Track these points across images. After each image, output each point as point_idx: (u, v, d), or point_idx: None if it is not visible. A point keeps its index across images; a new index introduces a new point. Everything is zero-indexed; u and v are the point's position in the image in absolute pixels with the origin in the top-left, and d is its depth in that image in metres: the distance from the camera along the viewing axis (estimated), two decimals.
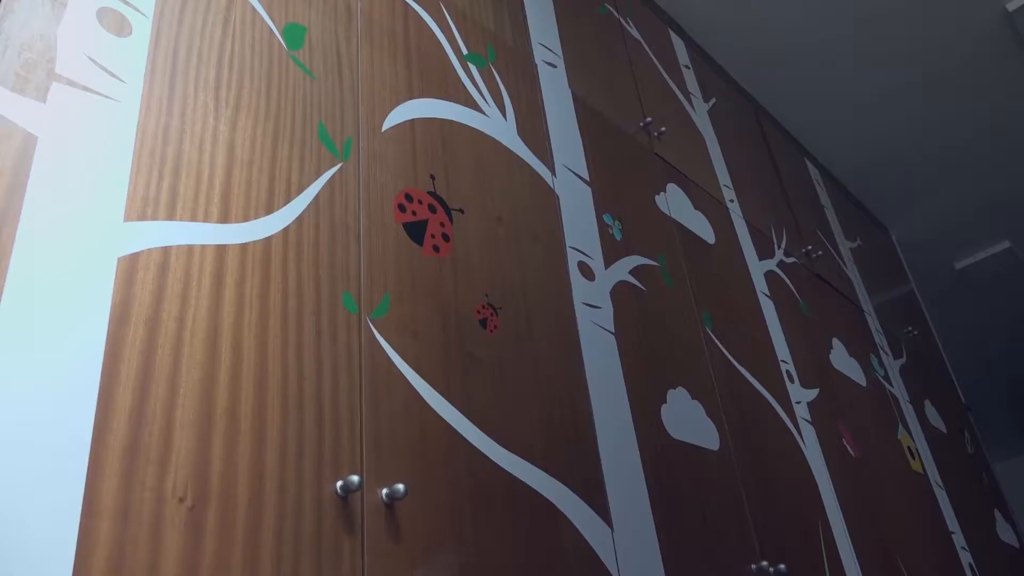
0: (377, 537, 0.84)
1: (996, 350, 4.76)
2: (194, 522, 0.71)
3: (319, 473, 0.82)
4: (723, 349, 1.69)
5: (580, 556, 1.07)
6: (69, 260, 0.73)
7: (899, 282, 3.28)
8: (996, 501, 2.85)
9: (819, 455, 1.81)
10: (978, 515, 2.58)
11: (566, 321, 1.31)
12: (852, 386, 2.20)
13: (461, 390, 1.04)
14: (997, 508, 2.81)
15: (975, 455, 2.93)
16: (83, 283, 0.73)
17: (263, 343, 0.85)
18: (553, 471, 1.11)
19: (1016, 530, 2.88)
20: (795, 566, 1.49)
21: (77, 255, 0.74)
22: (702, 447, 1.44)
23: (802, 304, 2.20)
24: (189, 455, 0.73)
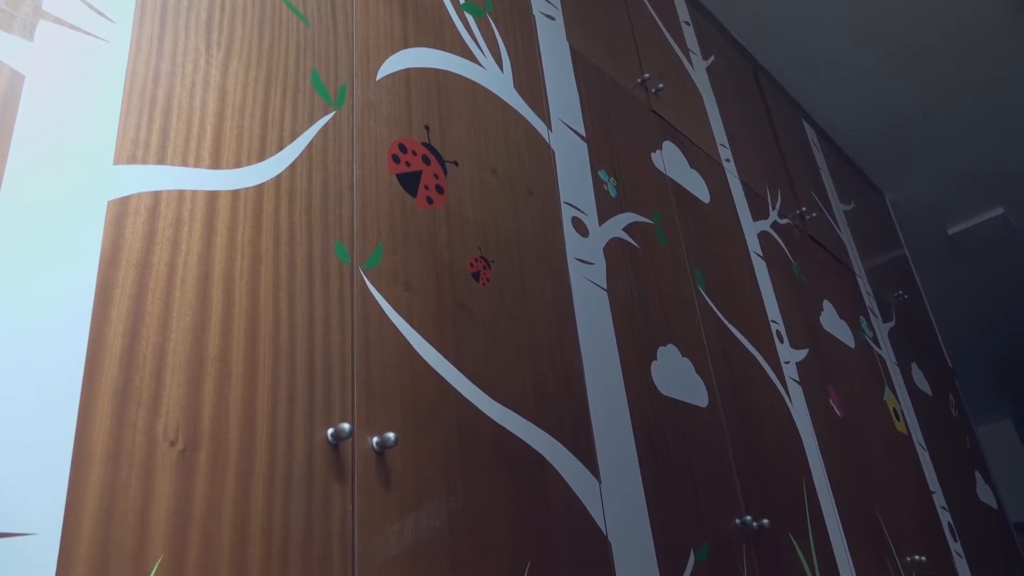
0: (367, 484, 0.85)
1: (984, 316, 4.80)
2: (185, 465, 0.71)
3: (310, 420, 0.83)
4: (714, 308, 1.69)
5: (568, 508, 1.08)
6: (58, 202, 0.72)
7: (891, 246, 3.28)
8: (977, 463, 2.90)
9: (806, 414, 1.83)
10: (959, 476, 2.62)
11: (559, 276, 1.30)
12: (841, 348, 2.22)
13: (453, 342, 1.05)
14: (978, 470, 2.86)
15: (959, 418, 2.97)
16: (73, 226, 0.72)
17: (254, 290, 0.84)
18: (543, 424, 1.12)
19: (995, 491, 2.94)
20: (778, 521, 1.51)
21: (66, 197, 0.73)
22: (691, 404, 1.45)
23: (794, 265, 2.20)
24: (180, 399, 0.73)
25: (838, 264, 2.55)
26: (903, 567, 1.89)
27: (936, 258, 4.12)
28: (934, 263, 4.16)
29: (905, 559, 1.92)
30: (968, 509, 2.54)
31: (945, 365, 3.17)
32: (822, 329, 2.16)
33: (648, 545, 1.18)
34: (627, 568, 1.12)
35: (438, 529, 0.90)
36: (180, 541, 0.68)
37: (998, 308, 4.74)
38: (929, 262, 4.14)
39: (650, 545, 1.18)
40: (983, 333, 5.03)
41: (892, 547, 1.89)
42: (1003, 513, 2.91)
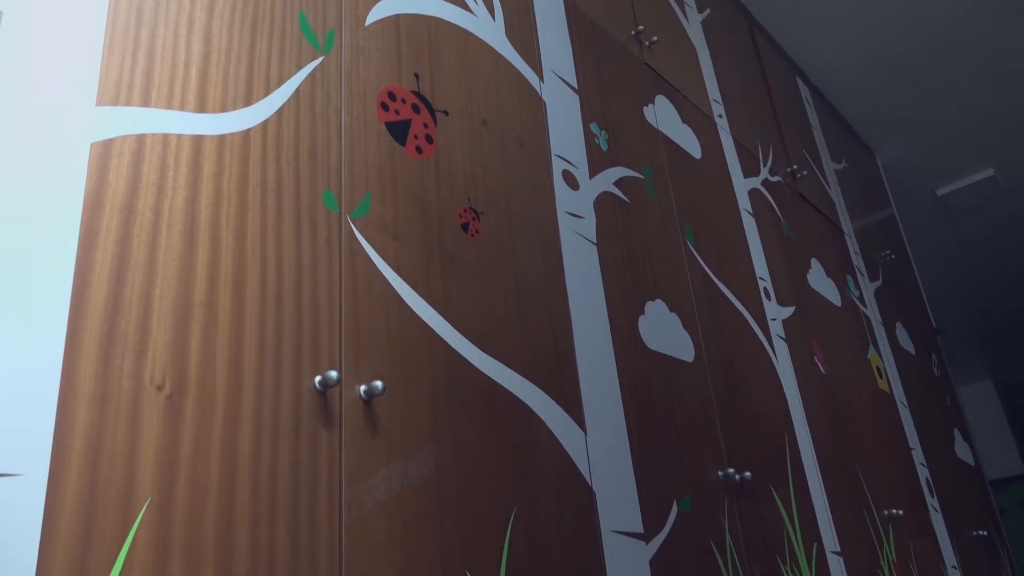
0: (355, 431, 0.85)
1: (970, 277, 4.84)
2: (172, 410, 0.71)
3: (298, 367, 0.83)
4: (703, 264, 1.70)
5: (554, 459, 1.10)
6: (40, 143, 0.71)
7: (880, 206, 3.29)
8: (956, 421, 2.95)
9: (790, 371, 1.85)
10: (938, 434, 2.67)
11: (548, 229, 1.30)
12: (827, 306, 2.23)
13: (441, 293, 1.04)
14: (957, 428, 2.91)
15: (941, 377, 3.02)
16: (55, 167, 0.71)
17: (241, 237, 0.84)
18: (530, 375, 1.12)
19: (972, 449, 3.00)
20: (760, 474, 1.54)
21: (49, 138, 0.72)
22: (677, 358, 1.47)
23: (784, 223, 2.20)
24: (167, 345, 0.73)
25: (827, 223, 2.56)
26: (880, 520, 1.93)
27: (924, 219, 4.13)
28: (922, 224, 4.17)
29: (882, 512, 1.96)
30: (946, 465, 2.59)
31: (929, 325, 3.20)
32: (809, 287, 2.17)
33: (632, 495, 1.20)
34: (611, 517, 1.14)
35: (425, 477, 0.91)
36: (167, 484, 0.68)
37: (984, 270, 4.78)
38: (917, 223, 4.16)
39: (634, 495, 1.20)
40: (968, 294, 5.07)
41: (870, 500, 1.93)
42: (980, 470, 2.97)
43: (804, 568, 1.53)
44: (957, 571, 2.26)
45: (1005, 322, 5.62)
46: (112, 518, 0.64)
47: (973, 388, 6.79)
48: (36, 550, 0.59)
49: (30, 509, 0.59)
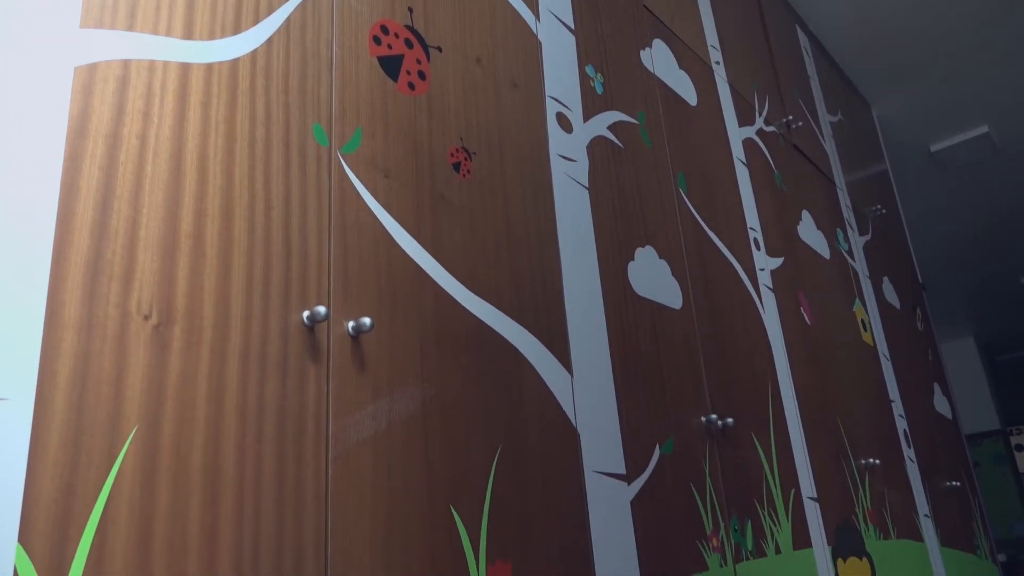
0: (342, 367, 0.86)
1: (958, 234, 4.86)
2: (159, 340, 0.71)
3: (286, 302, 0.83)
4: (694, 212, 1.69)
5: (540, 399, 1.11)
6: (22, 64, 0.69)
7: (874, 160, 3.28)
8: (937, 376, 3.00)
9: (776, 321, 1.86)
10: (918, 387, 2.71)
11: (540, 172, 1.29)
12: (816, 258, 2.24)
13: (431, 232, 1.04)
14: (937, 382, 2.96)
15: (924, 332, 3.05)
16: (38, 91, 0.69)
17: (229, 168, 0.82)
18: (518, 317, 1.13)
19: (951, 403, 3.05)
20: (742, 420, 1.56)
21: (31, 60, 0.70)
22: (665, 305, 1.47)
23: (776, 174, 2.19)
24: (153, 275, 0.72)
25: (820, 175, 2.55)
26: (857, 469, 1.97)
27: (916, 174, 4.12)
28: (914, 179, 4.17)
29: (860, 461, 2.00)
30: (924, 418, 2.64)
31: (916, 281, 3.22)
32: (799, 239, 2.17)
33: (615, 437, 1.22)
34: (594, 458, 1.16)
35: (411, 414, 0.92)
36: (154, 413, 0.69)
37: (972, 228, 4.80)
38: (909, 178, 4.15)
39: (617, 438, 1.22)
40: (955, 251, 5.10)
41: (848, 449, 1.97)
42: (956, 424, 3.02)
43: (781, 512, 1.57)
44: (929, 519, 2.32)
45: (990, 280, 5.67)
46: (99, 445, 0.64)
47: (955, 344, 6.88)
48: (23, 474, 0.59)
49: (17, 433, 0.60)
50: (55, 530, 0.60)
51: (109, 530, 0.63)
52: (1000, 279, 5.67)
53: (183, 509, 0.68)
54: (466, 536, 0.93)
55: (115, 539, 0.63)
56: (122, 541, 0.63)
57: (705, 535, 1.33)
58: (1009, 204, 4.54)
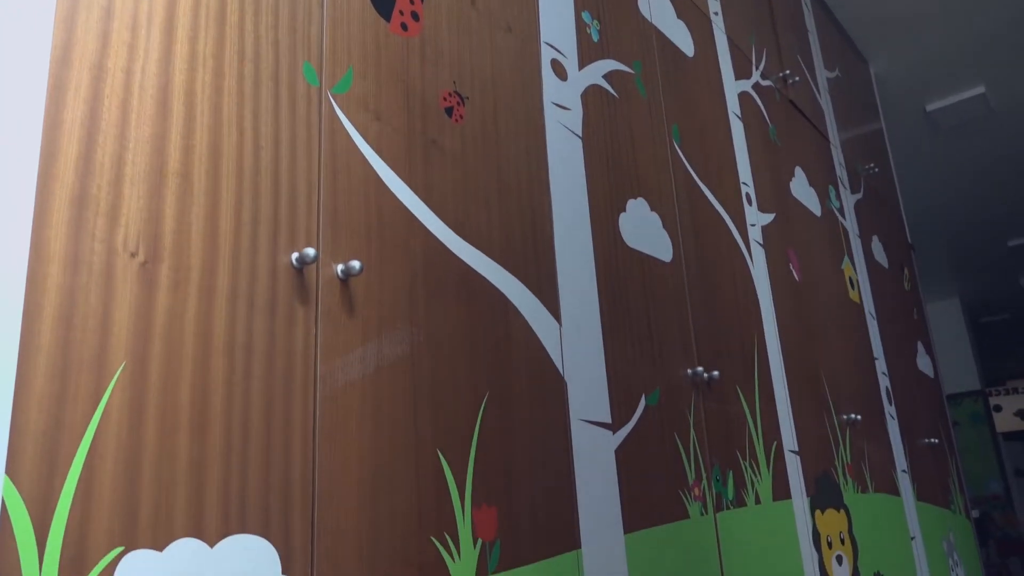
0: (331, 309, 0.86)
1: (949, 195, 4.87)
2: (147, 277, 0.71)
3: (274, 243, 0.82)
4: (687, 165, 1.68)
5: (528, 347, 1.11)
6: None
7: (869, 118, 3.26)
8: (921, 335, 3.03)
9: (765, 276, 1.87)
10: (902, 346, 2.74)
11: (534, 119, 1.27)
12: (807, 215, 2.24)
13: (422, 177, 1.03)
14: (921, 342, 2.99)
15: (910, 292, 3.07)
16: (19, 17, 0.67)
17: (217, 106, 0.81)
18: (508, 265, 1.12)
19: (934, 363, 3.09)
20: (727, 374, 1.58)
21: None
22: (655, 257, 1.47)
23: (771, 129, 2.18)
24: (140, 212, 0.72)
25: (814, 132, 2.53)
26: (839, 423, 2.00)
27: (911, 134, 4.11)
28: (908, 139, 4.16)
29: (841, 416, 2.03)
30: (906, 376, 2.68)
31: (905, 240, 3.23)
32: (791, 195, 2.17)
33: (602, 387, 1.23)
34: (580, 407, 1.17)
35: (399, 358, 0.92)
36: (142, 350, 0.69)
37: (964, 189, 4.80)
38: (903, 137, 4.14)
39: (604, 387, 1.23)
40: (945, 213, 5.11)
41: (831, 404, 2.00)
42: (938, 383, 3.07)
43: (762, 464, 1.60)
44: (906, 475, 2.37)
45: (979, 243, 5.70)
46: (86, 380, 0.64)
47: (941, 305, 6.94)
48: (10, 406, 0.59)
49: (3, 366, 0.59)
50: (43, 463, 0.60)
51: (97, 464, 0.63)
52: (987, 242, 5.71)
53: (171, 445, 0.68)
54: (452, 479, 0.94)
55: (103, 473, 0.63)
56: (110, 475, 0.64)
57: (687, 484, 1.36)
58: (1000, 167, 4.54)
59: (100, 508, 0.63)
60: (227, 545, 0.70)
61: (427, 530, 0.89)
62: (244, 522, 0.72)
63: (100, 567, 0.62)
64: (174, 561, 0.66)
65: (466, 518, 0.94)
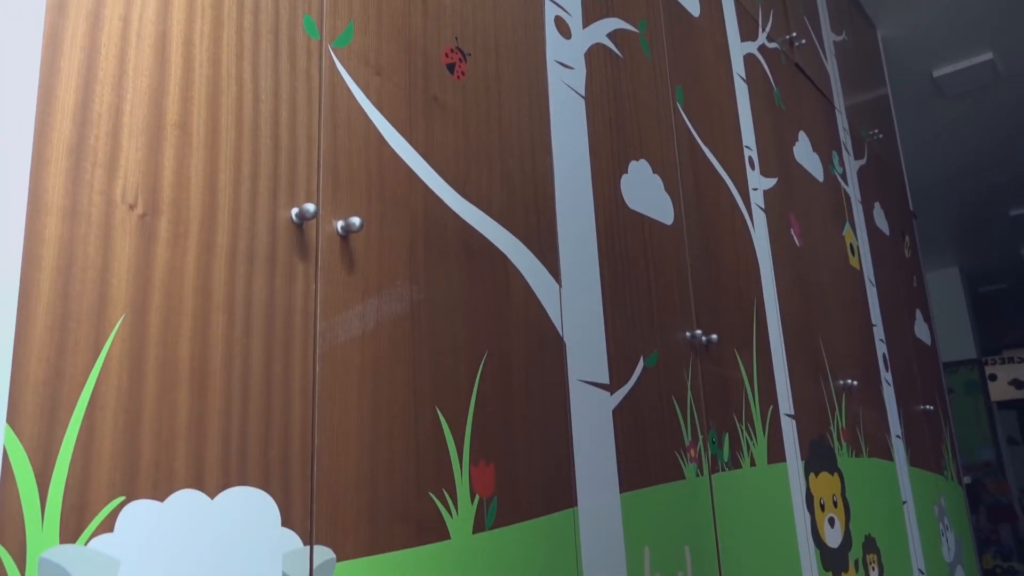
0: (331, 266, 0.85)
1: (952, 163, 4.84)
2: (146, 230, 0.70)
3: (274, 198, 0.82)
4: (690, 127, 1.67)
5: (528, 308, 1.11)
6: None
7: (875, 84, 3.22)
8: (920, 303, 3.03)
9: (766, 241, 1.86)
10: (900, 313, 2.74)
11: (536, 77, 1.26)
12: (809, 180, 2.23)
13: (423, 134, 1.02)
14: (919, 309, 3.00)
15: (911, 259, 3.07)
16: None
17: (216, 57, 0.80)
18: (508, 224, 1.12)
19: (931, 331, 3.10)
20: (726, 337, 1.58)
21: None
22: (656, 220, 1.47)
23: (776, 92, 2.16)
24: (139, 163, 0.71)
25: (819, 96, 2.51)
26: (835, 388, 2.02)
27: (916, 100, 4.07)
28: (914, 105, 4.12)
29: (838, 382, 2.04)
30: (903, 343, 2.68)
31: (907, 208, 3.22)
32: (794, 160, 2.16)
33: (600, 348, 1.23)
34: (579, 367, 1.17)
35: (399, 315, 0.92)
36: (141, 303, 0.68)
37: (967, 157, 4.77)
38: (909, 103, 4.10)
39: (602, 348, 1.23)
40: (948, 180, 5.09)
41: (828, 369, 2.01)
42: (935, 351, 3.08)
43: (758, 427, 1.61)
44: (900, 440, 2.39)
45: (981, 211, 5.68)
46: (86, 331, 0.64)
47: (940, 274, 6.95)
48: (10, 357, 0.59)
49: (2, 317, 0.59)
50: (43, 413, 0.60)
51: (97, 415, 0.64)
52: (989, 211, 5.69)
53: (171, 398, 0.69)
54: (450, 436, 0.94)
55: (103, 424, 0.64)
56: (110, 426, 0.64)
57: (683, 446, 1.37)
58: (1006, 135, 4.50)
59: (101, 458, 0.63)
60: (227, 497, 0.71)
61: (425, 485, 0.89)
62: (244, 475, 0.72)
63: (102, 516, 0.62)
64: (175, 511, 0.67)
65: (464, 474, 0.95)
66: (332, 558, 0.78)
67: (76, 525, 0.61)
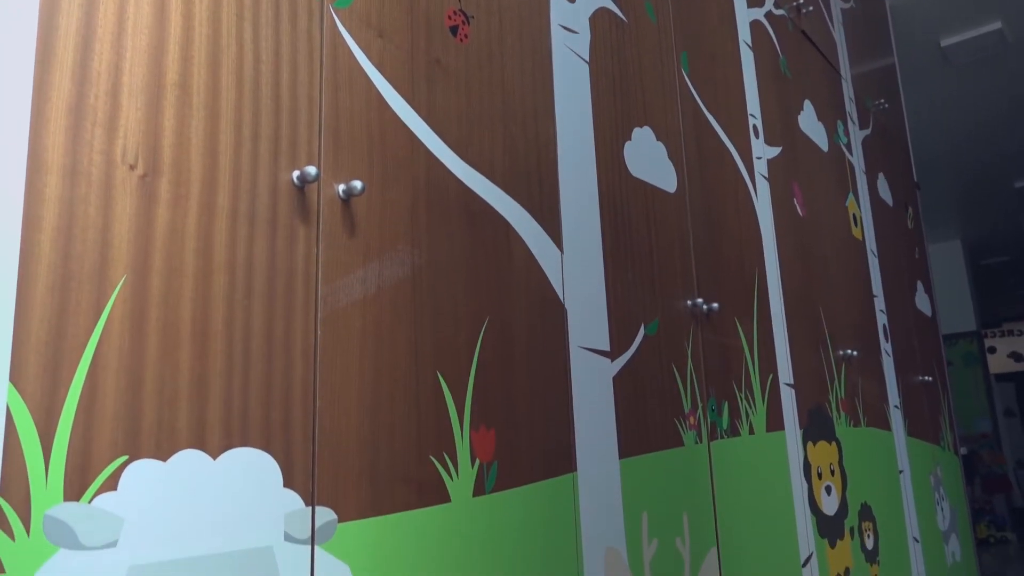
0: (332, 229, 0.85)
1: (957, 133, 4.80)
2: (146, 190, 0.70)
3: (275, 160, 0.81)
4: (695, 94, 1.65)
5: (529, 274, 1.11)
6: None
7: (882, 53, 3.19)
8: (921, 275, 3.03)
9: (769, 210, 1.85)
10: (902, 284, 2.74)
11: (540, 42, 1.24)
12: (814, 149, 2.21)
13: (426, 97, 1.01)
14: (921, 281, 2.99)
15: (913, 231, 3.06)
16: None
17: (216, 16, 0.79)
18: (510, 190, 1.11)
19: (932, 302, 3.10)
20: (727, 306, 1.58)
21: None
22: (659, 188, 1.46)
23: (782, 60, 2.13)
24: (139, 123, 0.70)
25: (825, 64, 2.48)
26: (835, 358, 2.02)
27: (923, 70, 4.03)
28: (920, 75, 4.08)
29: (838, 352, 2.05)
30: (904, 315, 2.69)
31: (911, 179, 3.20)
32: (799, 129, 2.14)
33: (602, 316, 1.23)
34: (580, 335, 1.18)
35: (400, 279, 0.92)
36: (142, 264, 0.68)
37: (973, 128, 4.73)
38: (916, 73, 4.06)
39: (603, 316, 1.23)
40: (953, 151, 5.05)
41: (828, 339, 2.01)
42: (935, 322, 3.08)
43: (757, 396, 1.62)
44: (899, 410, 2.40)
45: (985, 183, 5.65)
46: (87, 291, 0.64)
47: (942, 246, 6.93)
48: (12, 316, 0.59)
49: (3, 278, 0.59)
50: (46, 372, 0.61)
51: (100, 375, 0.64)
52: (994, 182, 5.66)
53: (173, 359, 0.69)
54: (451, 401, 0.95)
55: (106, 383, 0.64)
56: (113, 386, 0.64)
57: (683, 413, 1.37)
58: (1013, 105, 4.46)
59: (104, 418, 0.63)
60: (229, 458, 0.71)
61: (426, 449, 0.90)
62: (246, 436, 0.73)
63: (105, 474, 0.63)
64: (178, 471, 0.67)
65: (464, 439, 0.95)
66: (334, 519, 0.78)
67: (80, 483, 0.61)
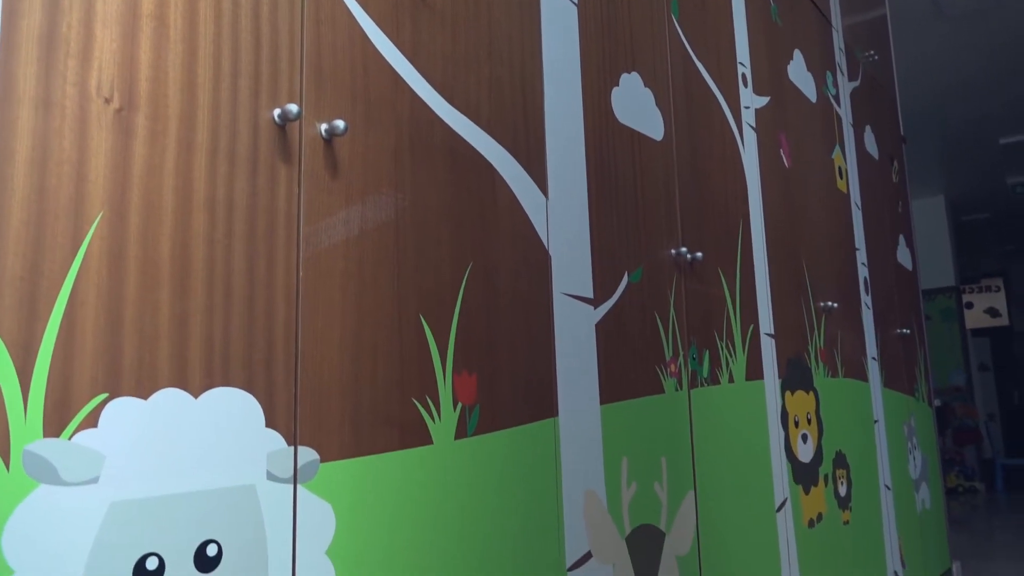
0: (314, 169, 0.84)
1: (945, 86, 4.78)
2: (122, 125, 0.68)
3: (256, 97, 0.79)
4: (684, 41, 1.63)
5: (514, 219, 1.10)
6: None
7: (874, 3, 3.15)
8: (903, 229, 3.04)
9: (755, 160, 1.85)
10: (884, 238, 2.76)
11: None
12: (802, 100, 2.20)
13: (410, 36, 0.99)
14: (903, 235, 3.01)
15: (898, 184, 3.07)
16: None
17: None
18: (496, 134, 1.10)
19: (913, 257, 3.12)
20: (710, 256, 1.59)
21: None
22: (646, 135, 1.45)
23: (773, 8, 2.10)
24: (113, 55, 0.68)
25: (817, 13, 2.45)
26: (815, 310, 2.04)
27: (914, 20, 3.99)
28: (911, 28, 4.04)
29: (819, 304, 2.06)
30: (885, 268, 2.71)
31: (897, 132, 3.20)
32: (788, 79, 2.12)
33: (586, 262, 1.23)
34: (563, 281, 1.18)
35: (383, 222, 0.91)
36: (120, 200, 0.67)
37: (961, 82, 4.71)
38: (906, 24, 4.02)
39: (587, 263, 1.23)
40: (940, 105, 5.04)
41: (810, 291, 2.03)
42: (916, 277, 3.11)
43: (738, 345, 1.63)
44: (876, 362, 2.44)
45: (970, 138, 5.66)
46: (63, 227, 0.63)
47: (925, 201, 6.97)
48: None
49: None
50: (22, 307, 0.60)
51: (78, 312, 0.63)
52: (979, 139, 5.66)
53: (152, 298, 0.68)
54: (434, 345, 0.95)
55: (84, 321, 0.63)
56: (91, 324, 0.64)
57: (664, 361, 1.39)
58: (1003, 60, 4.44)
59: (83, 355, 0.63)
60: (211, 397, 0.71)
61: (409, 392, 0.90)
62: (227, 376, 0.73)
63: (84, 412, 0.62)
64: (158, 409, 0.67)
65: (447, 382, 0.96)
66: (316, 459, 0.79)
67: (59, 420, 0.61)
